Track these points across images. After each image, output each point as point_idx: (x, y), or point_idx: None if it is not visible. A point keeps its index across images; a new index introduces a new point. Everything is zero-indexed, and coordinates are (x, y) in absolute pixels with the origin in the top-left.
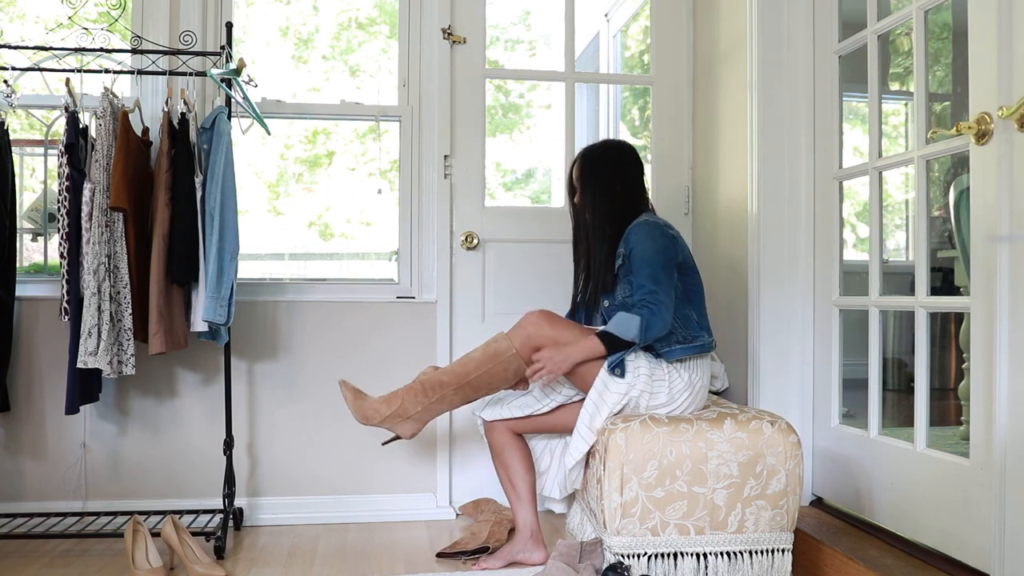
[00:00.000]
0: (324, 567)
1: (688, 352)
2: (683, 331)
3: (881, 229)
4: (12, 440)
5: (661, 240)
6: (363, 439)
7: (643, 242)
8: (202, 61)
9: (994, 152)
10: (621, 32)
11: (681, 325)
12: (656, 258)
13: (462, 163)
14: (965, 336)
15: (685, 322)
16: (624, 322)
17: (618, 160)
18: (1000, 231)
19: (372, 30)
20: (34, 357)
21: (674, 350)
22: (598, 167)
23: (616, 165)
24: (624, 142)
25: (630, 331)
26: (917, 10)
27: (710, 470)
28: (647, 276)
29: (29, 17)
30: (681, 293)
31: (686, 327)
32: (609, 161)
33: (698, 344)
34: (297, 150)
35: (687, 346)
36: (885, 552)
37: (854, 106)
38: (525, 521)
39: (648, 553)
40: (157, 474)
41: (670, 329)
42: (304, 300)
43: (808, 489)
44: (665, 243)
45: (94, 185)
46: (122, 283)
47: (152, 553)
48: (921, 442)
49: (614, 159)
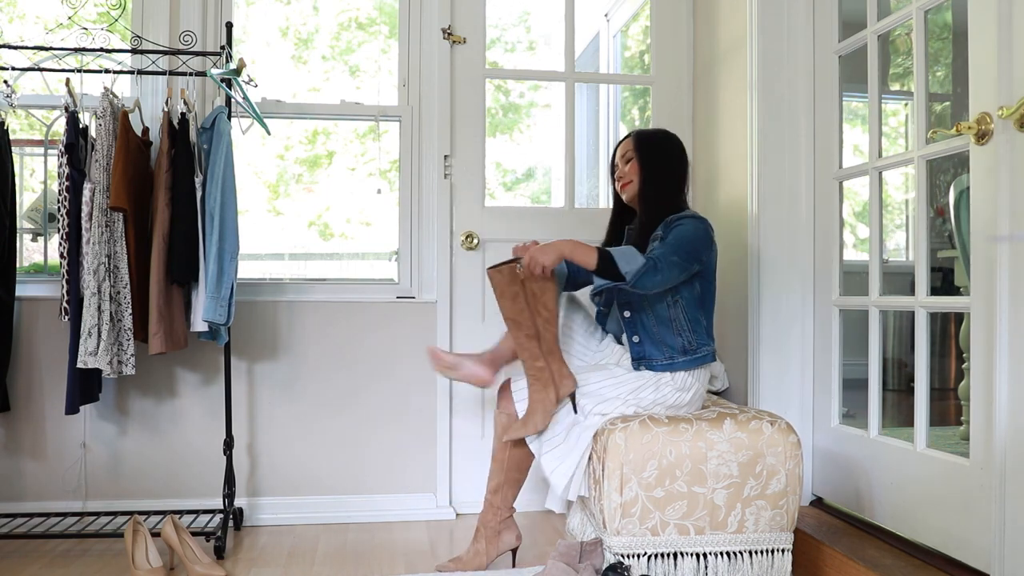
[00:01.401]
0: (324, 567)
1: (691, 365)
2: (690, 335)
3: (881, 229)
4: (12, 440)
5: (703, 234)
6: (363, 439)
7: (685, 227)
8: (202, 61)
9: (994, 152)
10: (621, 32)
11: (690, 329)
12: (687, 241)
13: (462, 163)
14: (965, 336)
15: (695, 326)
16: (629, 255)
17: (679, 150)
18: (1000, 231)
19: (372, 30)
20: (34, 357)
21: (677, 363)
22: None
23: (678, 158)
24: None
25: (629, 264)
26: (917, 10)
27: (710, 470)
28: (671, 245)
29: (29, 17)
30: (697, 297)
31: (694, 331)
32: (673, 148)
33: (700, 355)
34: (297, 150)
35: (691, 358)
36: (885, 552)
37: (854, 106)
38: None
39: (648, 553)
40: (157, 474)
41: (678, 330)
42: (304, 300)
43: (808, 489)
44: (702, 237)
45: (94, 185)
46: (122, 283)
47: (152, 553)
48: (921, 442)
49: (675, 147)
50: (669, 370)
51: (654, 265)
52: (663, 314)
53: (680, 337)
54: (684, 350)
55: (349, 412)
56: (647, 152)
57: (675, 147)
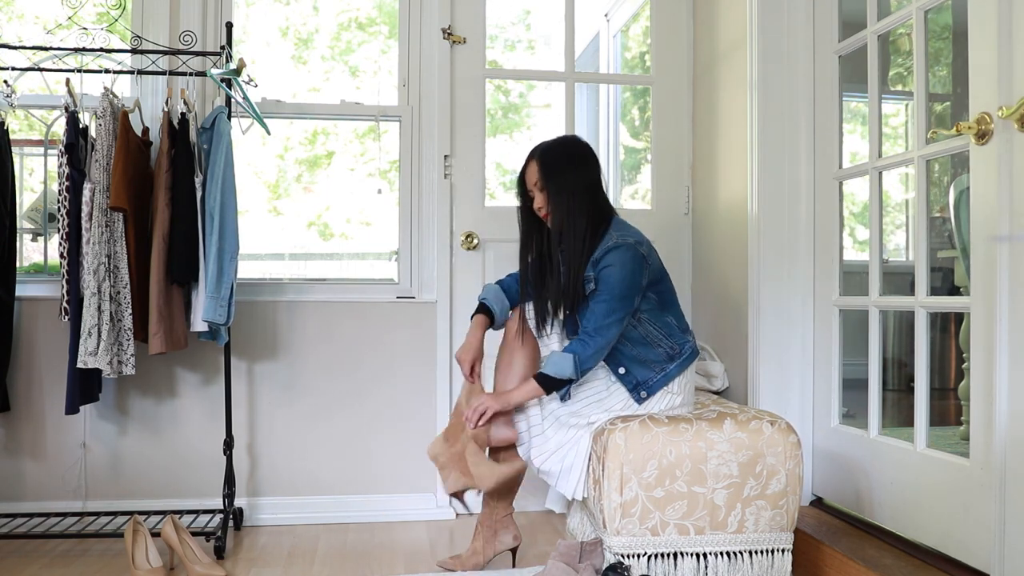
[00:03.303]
0: (324, 567)
1: (682, 368)
2: (668, 341)
3: (881, 229)
4: (12, 440)
5: (631, 266)
6: (363, 439)
7: (614, 269)
8: (202, 61)
9: (994, 152)
10: (621, 32)
11: (665, 335)
12: (619, 287)
13: (462, 163)
14: (965, 336)
15: (668, 331)
16: (559, 362)
17: (585, 160)
18: (1000, 231)
19: (372, 30)
20: (34, 357)
21: (671, 371)
22: (563, 166)
23: (584, 165)
24: (580, 138)
25: (565, 370)
26: (917, 10)
27: (710, 470)
28: (602, 305)
29: (28, 17)
30: (656, 304)
31: (670, 336)
32: (576, 159)
33: (686, 354)
34: (297, 150)
35: (680, 361)
36: (885, 552)
37: (854, 106)
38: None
39: (648, 553)
40: (157, 474)
41: (655, 342)
42: (304, 300)
43: (808, 489)
44: (634, 268)
45: (94, 185)
46: (122, 283)
47: (152, 553)
48: (921, 442)
49: (582, 158)
50: (665, 383)
51: (582, 345)
52: (634, 335)
53: (660, 348)
54: (670, 357)
55: (349, 412)
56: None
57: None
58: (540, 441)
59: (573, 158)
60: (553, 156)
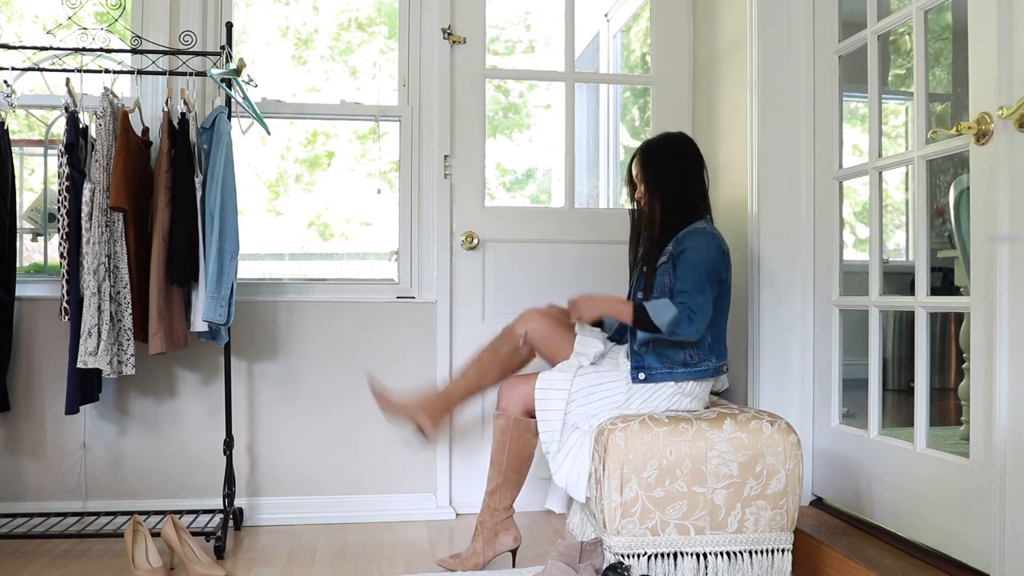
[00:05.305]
0: (324, 567)
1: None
2: (692, 351)
3: (881, 229)
4: (12, 440)
5: (715, 252)
6: (363, 439)
7: (697, 248)
8: (202, 61)
9: (994, 152)
10: (621, 32)
11: (693, 344)
12: (704, 268)
13: (462, 163)
14: (965, 336)
15: (698, 343)
16: (662, 307)
17: (678, 155)
18: (1000, 231)
19: (372, 30)
20: (34, 357)
21: (676, 373)
22: (660, 158)
23: (675, 159)
24: (685, 135)
25: (663, 317)
26: (917, 10)
27: (710, 470)
28: (692, 282)
29: (28, 17)
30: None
31: (697, 347)
32: (671, 153)
33: (700, 369)
34: (297, 150)
35: (689, 371)
36: (885, 552)
37: (854, 106)
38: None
39: (648, 553)
40: (157, 474)
41: (681, 346)
42: (304, 300)
43: (808, 489)
44: (716, 256)
45: (94, 185)
46: (122, 283)
47: (152, 553)
48: (921, 442)
49: (676, 153)
50: (668, 379)
51: (689, 313)
52: None
53: (682, 352)
54: (684, 363)
55: (349, 412)
56: (653, 174)
57: (681, 155)
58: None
59: (669, 151)
60: (652, 148)
